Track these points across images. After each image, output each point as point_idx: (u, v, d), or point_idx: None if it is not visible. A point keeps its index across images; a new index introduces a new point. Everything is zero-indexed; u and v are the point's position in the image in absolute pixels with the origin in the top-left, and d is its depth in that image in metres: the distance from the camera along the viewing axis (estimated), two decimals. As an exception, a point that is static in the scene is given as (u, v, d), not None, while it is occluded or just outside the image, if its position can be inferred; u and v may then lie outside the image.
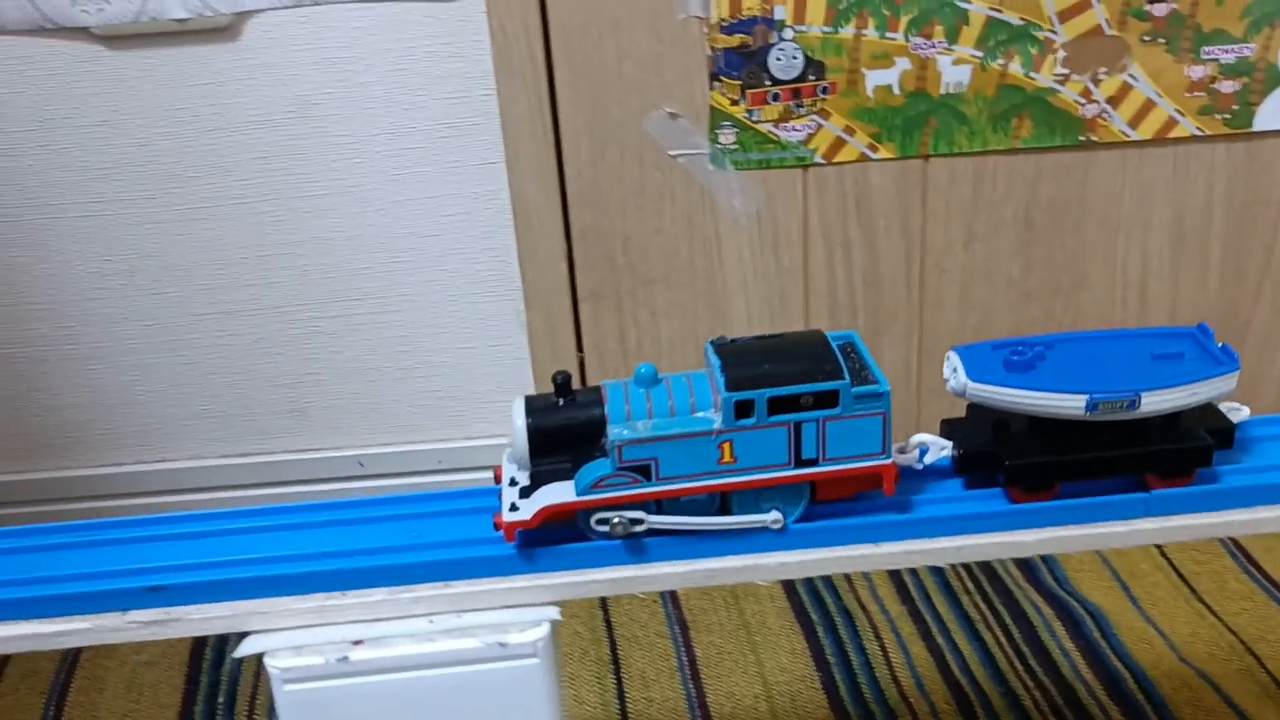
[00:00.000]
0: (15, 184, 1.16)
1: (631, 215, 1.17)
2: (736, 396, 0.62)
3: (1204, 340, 0.69)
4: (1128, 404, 0.64)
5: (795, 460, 0.64)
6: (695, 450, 0.63)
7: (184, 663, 1.08)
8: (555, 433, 0.65)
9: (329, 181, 1.17)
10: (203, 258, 1.20)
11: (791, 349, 0.64)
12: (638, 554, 0.66)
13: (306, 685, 0.65)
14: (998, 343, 0.69)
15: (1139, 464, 0.67)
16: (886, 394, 0.62)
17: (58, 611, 0.66)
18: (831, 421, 0.62)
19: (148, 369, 1.25)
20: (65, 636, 0.66)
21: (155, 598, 0.66)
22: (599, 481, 0.64)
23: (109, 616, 0.66)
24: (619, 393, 0.65)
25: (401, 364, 1.26)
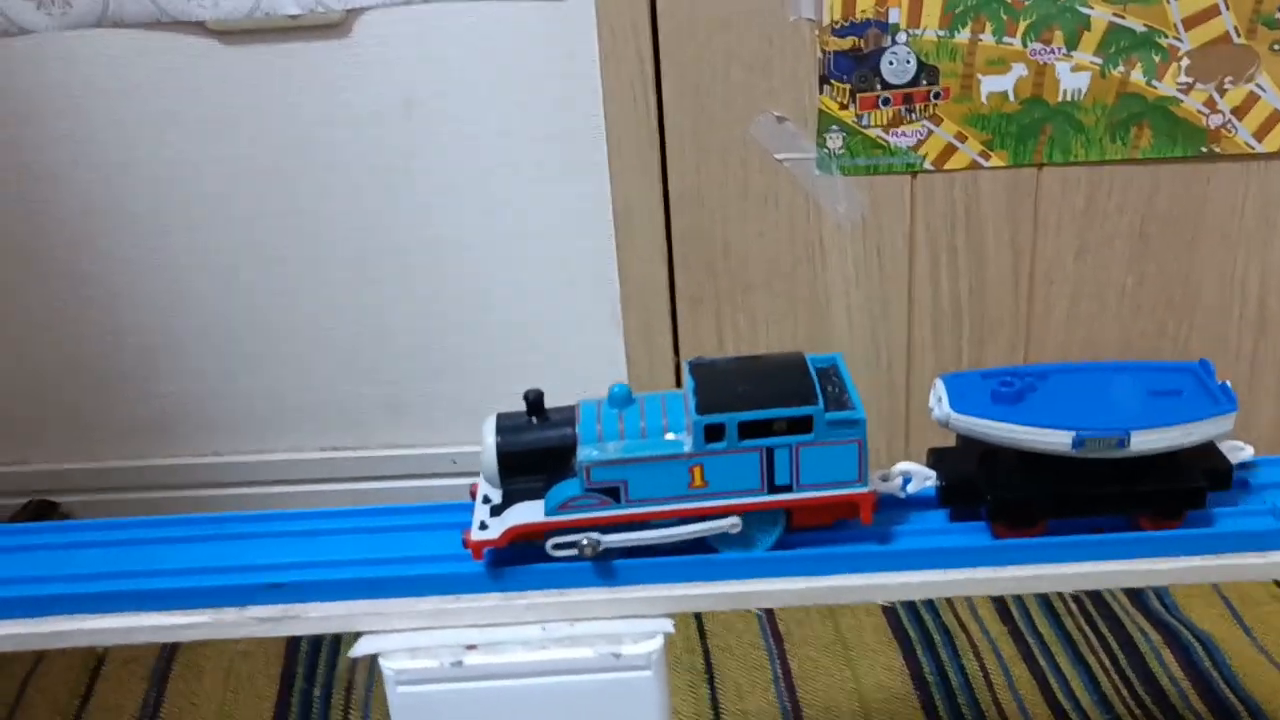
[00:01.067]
0: (128, 175, 1.18)
1: (733, 219, 1.16)
2: (706, 420, 0.60)
3: (1205, 377, 0.67)
4: (1116, 442, 0.62)
5: (768, 486, 0.62)
6: (665, 473, 0.62)
7: (280, 655, 1.09)
8: (525, 452, 0.64)
9: (432, 180, 1.17)
10: (306, 253, 1.21)
11: (768, 372, 0.63)
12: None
13: (420, 688, 0.65)
14: (988, 372, 0.67)
15: (1128, 503, 0.65)
16: (862, 421, 0.61)
17: (179, 604, 0.66)
18: (805, 447, 0.61)
19: (249, 361, 1.26)
20: (187, 630, 0.66)
21: (274, 594, 0.66)
22: (567, 502, 0.63)
23: (228, 611, 0.66)
24: (591, 412, 0.64)
25: (496, 363, 1.26)
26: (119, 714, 1.04)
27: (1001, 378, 0.66)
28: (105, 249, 1.21)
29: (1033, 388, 0.66)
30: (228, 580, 0.67)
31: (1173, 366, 0.68)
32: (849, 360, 1.23)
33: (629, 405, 0.64)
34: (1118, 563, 0.65)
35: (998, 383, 0.66)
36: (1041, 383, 0.67)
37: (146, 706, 1.04)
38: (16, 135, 1.16)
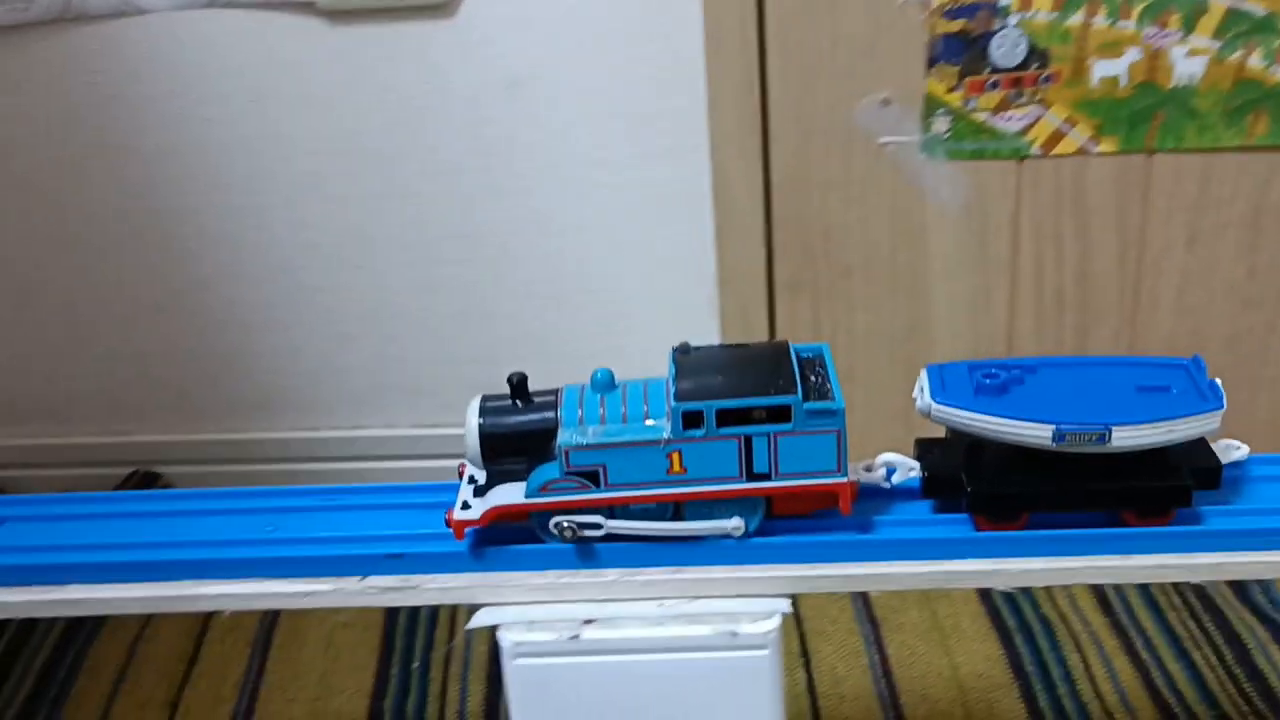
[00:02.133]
0: (233, 154, 1.20)
1: (834, 204, 1.15)
2: (684, 407, 0.61)
3: (1195, 374, 0.66)
4: (1097, 437, 0.62)
5: (747, 474, 0.62)
6: (643, 459, 0.63)
7: (379, 625, 1.11)
8: (507, 434, 0.65)
9: (532, 161, 1.18)
10: (406, 234, 1.22)
11: (749, 361, 0.63)
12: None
13: (537, 660, 0.66)
14: (975, 363, 0.67)
15: (1111, 500, 0.65)
16: (840, 411, 0.61)
17: (301, 572, 0.68)
18: (783, 437, 0.61)
19: (347, 340, 1.28)
20: (308, 597, 0.67)
21: (394, 565, 0.67)
22: (547, 484, 0.64)
23: (349, 580, 0.67)
24: (574, 396, 0.65)
25: (591, 347, 1.26)
26: (223, 680, 1.06)
27: (986, 369, 0.66)
28: (208, 228, 1.24)
29: (1019, 380, 0.66)
30: (349, 550, 0.68)
31: (1166, 362, 0.68)
32: (949, 347, 1.22)
33: (611, 390, 0.65)
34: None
35: (982, 375, 0.66)
36: (1030, 376, 0.66)
37: (250, 673, 1.07)
38: (126, 115, 1.18)
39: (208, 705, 1.03)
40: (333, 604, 0.68)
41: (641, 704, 0.66)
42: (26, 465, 1.36)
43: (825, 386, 0.63)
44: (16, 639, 1.12)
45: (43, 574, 0.69)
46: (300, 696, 1.03)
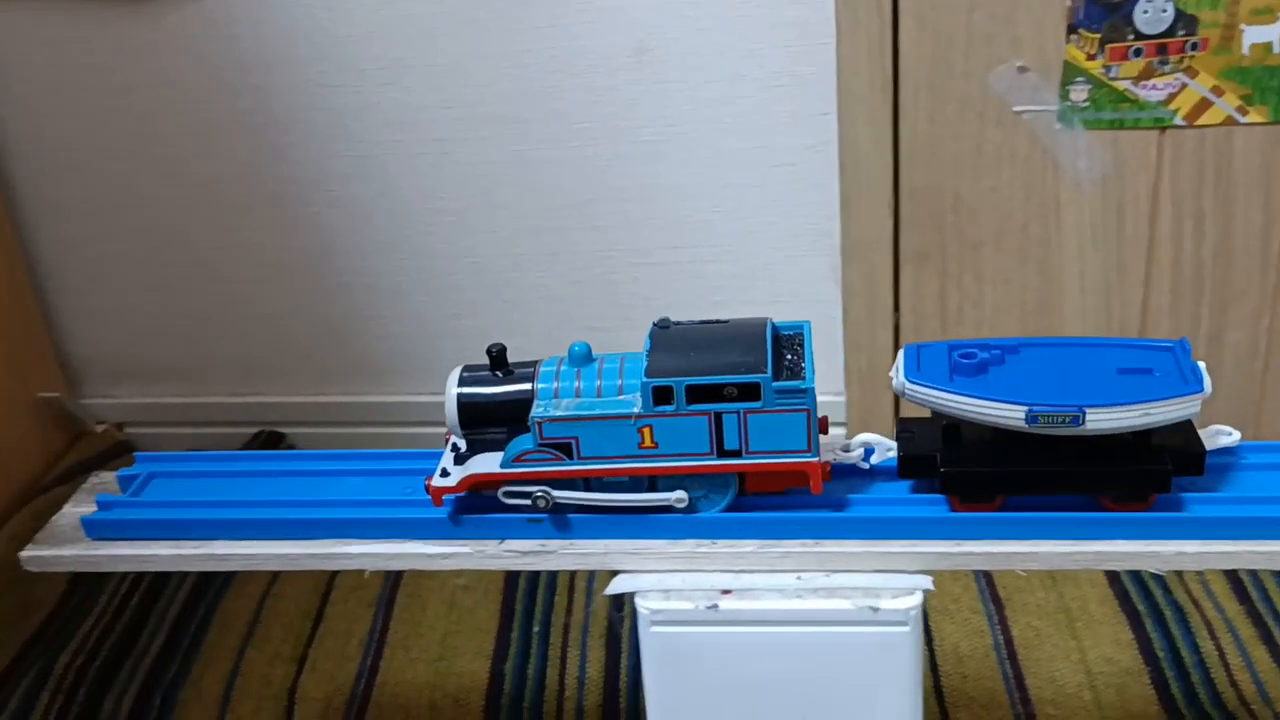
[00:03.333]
0: (363, 120, 1.21)
1: (966, 174, 1.12)
2: (654, 382, 0.62)
3: (1180, 357, 0.64)
4: (1070, 419, 0.61)
5: (718, 450, 0.63)
6: (615, 433, 0.63)
7: (499, 589, 1.12)
8: (484, 404, 0.66)
9: (659, 128, 1.17)
10: (531, 200, 1.23)
11: (725, 337, 0.64)
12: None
13: (674, 629, 0.65)
14: (956, 343, 0.66)
15: (1087, 483, 0.63)
16: (810, 391, 0.61)
17: (441, 535, 0.68)
18: (753, 415, 0.62)
19: (470, 305, 1.29)
20: (447, 559, 0.68)
21: (533, 529, 0.68)
22: (522, 455, 0.64)
23: (488, 544, 0.68)
24: (551, 369, 0.66)
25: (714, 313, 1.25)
26: (348, 637, 1.08)
27: (965, 349, 0.65)
28: (338, 193, 1.26)
29: (999, 360, 0.65)
30: (488, 513, 0.69)
31: (1153, 344, 0.66)
32: (1079, 324, 1.19)
33: (588, 364, 0.66)
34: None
35: (959, 354, 0.65)
36: (1011, 356, 0.66)
37: (374, 632, 1.09)
38: (259, 82, 1.20)
39: (334, 661, 1.06)
40: (472, 566, 0.68)
41: (777, 676, 0.66)
42: (158, 423, 1.40)
43: (798, 366, 0.63)
44: (150, 591, 1.15)
45: (189, 529, 0.71)
46: (423, 656, 1.05)
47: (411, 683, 1.02)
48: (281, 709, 1.01)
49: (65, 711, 1.02)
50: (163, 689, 1.04)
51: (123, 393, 1.41)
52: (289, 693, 1.03)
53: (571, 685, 1.01)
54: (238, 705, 1.02)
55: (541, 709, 0.99)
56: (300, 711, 1.01)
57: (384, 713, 1.00)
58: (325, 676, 1.04)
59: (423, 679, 1.03)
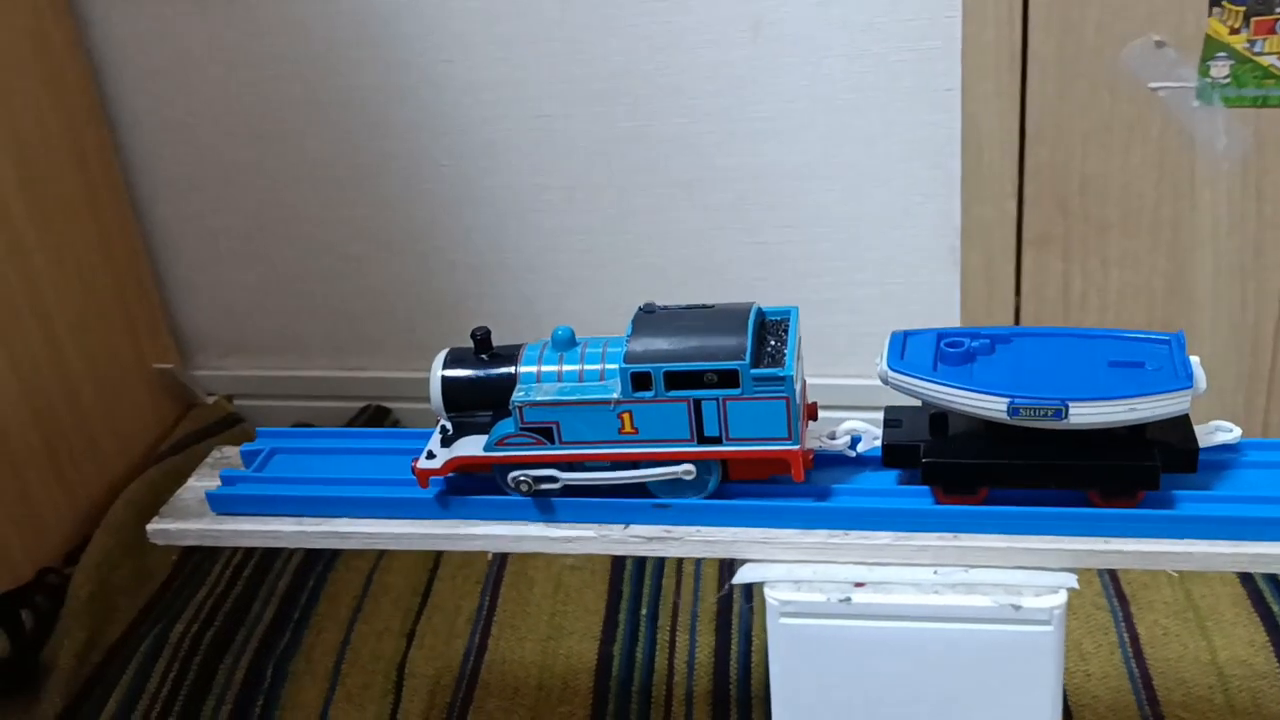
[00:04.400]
0: (472, 96, 1.20)
1: (1094, 153, 1.08)
2: (632, 368, 0.62)
3: (1175, 351, 0.63)
4: (1053, 413, 0.59)
5: (698, 437, 0.63)
6: (595, 418, 0.63)
7: (606, 570, 1.11)
8: (467, 387, 0.67)
9: (774, 105, 1.14)
10: (639, 178, 1.21)
11: (707, 323, 0.63)
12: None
13: (804, 621, 0.64)
14: (945, 331, 0.65)
15: (1072, 479, 0.62)
16: (789, 378, 0.60)
17: (567, 517, 0.67)
18: (732, 402, 0.61)
19: (575, 284, 1.28)
20: (572, 543, 0.67)
21: (660, 514, 0.66)
22: (504, 439, 0.65)
23: (613, 528, 0.67)
24: (534, 353, 0.66)
25: (822, 296, 1.23)
26: (456, 614, 1.08)
27: (952, 337, 0.64)
28: (445, 170, 1.25)
29: (988, 350, 0.64)
30: (615, 497, 0.67)
31: (1150, 337, 0.64)
32: (1209, 310, 1.14)
33: (571, 348, 0.66)
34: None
35: (946, 343, 0.64)
36: (1002, 346, 0.65)
37: (481, 610, 1.09)
38: (370, 57, 1.20)
39: (442, 638, 1.06)
40: (596, 551, 0.67)
41: (912, 673, 0.64)
42: (266, 395, 1.42)
43: (781, 352, 0.62)
44: (262, 562, 1.17)
45: (313, 505, 0.71)
46: (530, 636, 1.05)
47: (519, 662, 1.02)
48: (391, 684, 1.02)
49: (181, 679, 1.03)
50: (274, 659, 1.05)
51: (232, 365, 1.42)
52: (398, 668, 1.03)
53: (681, 670, 0.99)
54: (348, 678, 1.03)
55: (650, 693, 0.98)
56: (409, 687, 1.01)
57: (492, 691, 1.00)
58: (434, 653, 1.04)
59: (530, 658, 1.02)
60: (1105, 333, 0.66)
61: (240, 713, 1.00)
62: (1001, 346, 0.65)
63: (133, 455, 1.31)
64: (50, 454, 1.18)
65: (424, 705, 0.99)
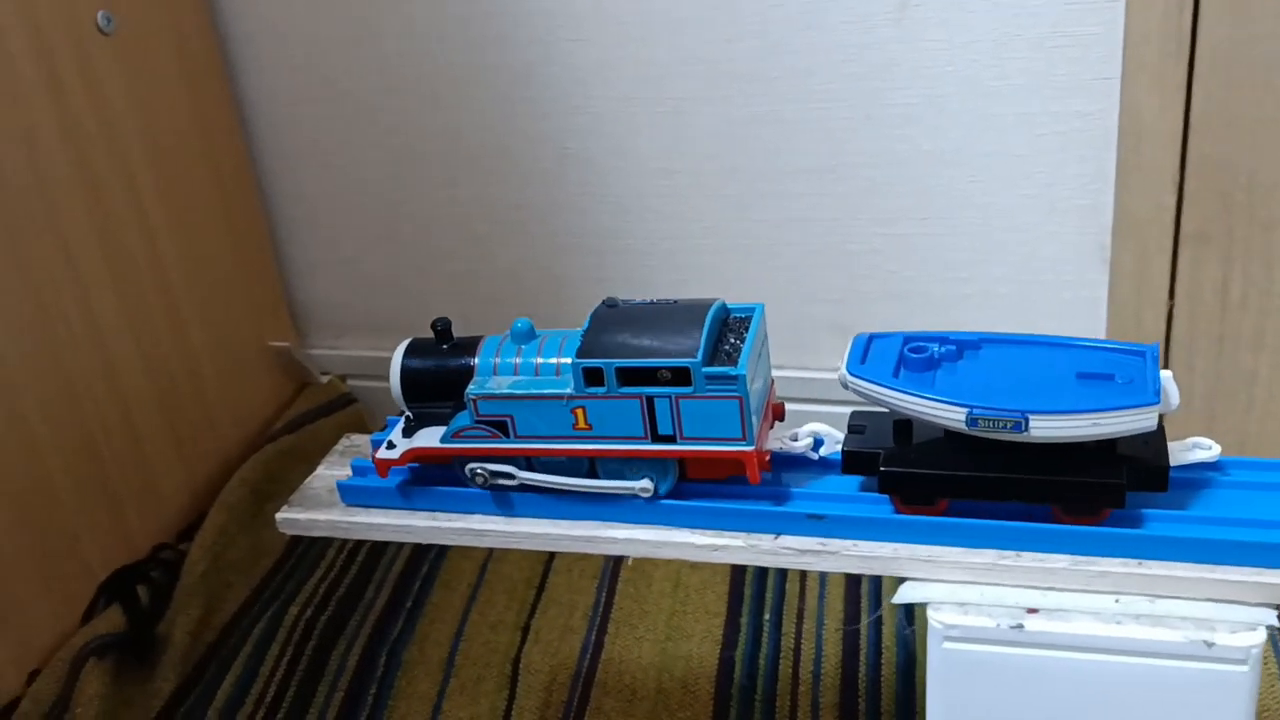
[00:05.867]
0: (603, 76, 1.17)
1: (1264, 147, 1.01)
2: (584, 364, 0.61)
3: (1148, 365, 0.60)
4: (1013, 425, 0.57)
5: (652, 435, 0.61)
6: (549, 413, 0.63)
7: (726, 569, 1.07)
8: (425, 377, 0.67)
9: (916, 90, 1.09)
10: (768, 163, 1.16)
11: (664, 319, 0.62)
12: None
13: (970, 646, 0.59)
14: (912, 335, 0.63)
15: (1033, 493, 0.59)
16: (742, 378, 0.59)
17: (713, 524, 0.64)
18: (685, 400, 0.60)
19: (698, 270, 1.24)
20: (717, 551, 0.64)
21: (814, 526, 0.62)
22: (460, 431, 0.65)
23: (763, 538, 0.63)
24: (493, 345, 0.66)
25: (958, 291, 1.18)
26: (571, 609, 1.06)
27: (918, 342, 0.62)
28: (571, 150, 1.22)
29: (953, 357, 0.62)
30: (766, 505, 0.64)
31: (1124, 348, 0.62)
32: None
33: (530, 341, 0.65)
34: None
35: (911, 347, 0.62)
36: (970, 352, 0.63)
37: (597, 606, 1.06)
38: (504, 33, 1.17)
39: (557, 633, 1.03)
40: (742, 561, 0.64)
41: (1086, 707, 0.59)
42: (380, 376, 1.40)
43: (738, 350, 0.61)
44: (375, 547, 1.15)
45: (446, 500, 0.69)
46: (649, 636, 1.02)
47: (637, 663, 0.99)
48: (505, 678, 0.99)
49: (295, 663, 1.02)
50: (388, 646, 1.03)
51: (347, 345, 1.41)
52: (513, 662, 1.01)
53: (806, 679, 0.96)
54: (462, 670, 1.01)
55: (774, 702, 0.94)
56: (524, 682, 0.99)
57: (609, 692, 0.97)
58: (549, 649, 1.02)
59: (648, 660, 0.99)
60: (1079, 342, 0.63)
61: (353, 700, 0.99)
62: (970, 353, 0.63)
63: (248, 433, 1.31)
64: (170, 430, 1.18)
65: (539, 702, 0.97)
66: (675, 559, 0.65)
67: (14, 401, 0.99)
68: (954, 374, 0.62)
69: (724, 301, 0.64)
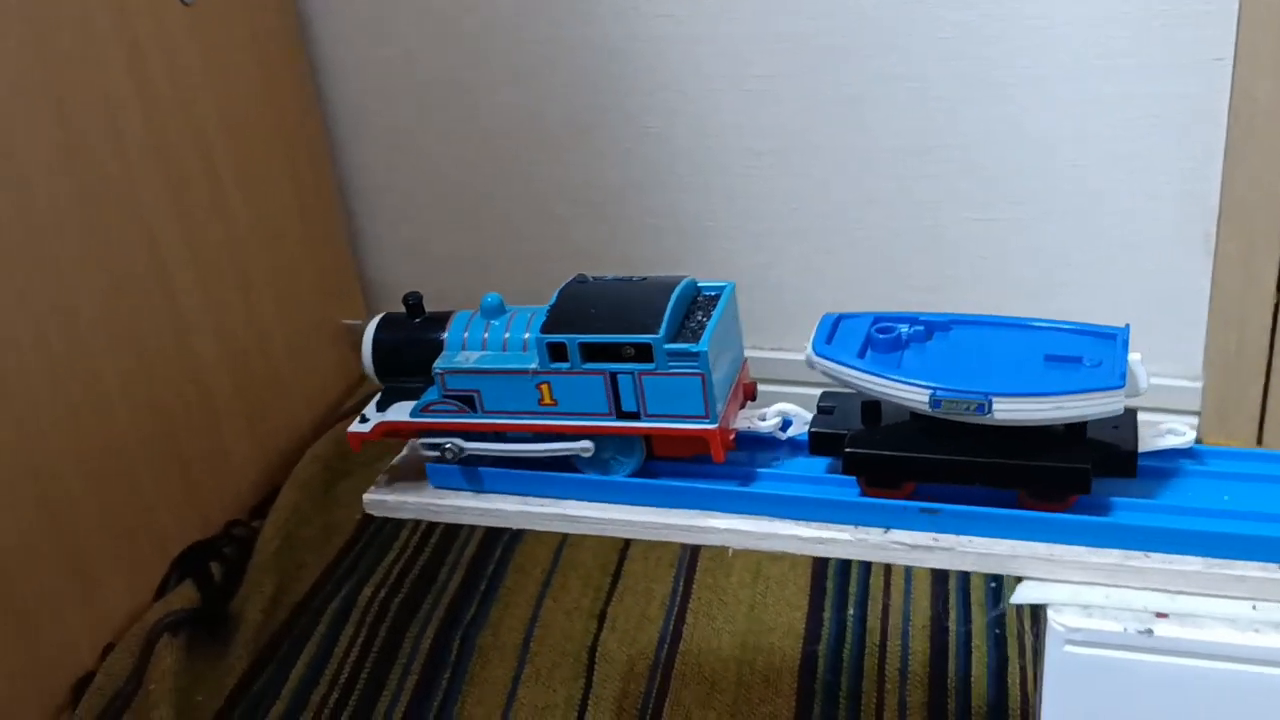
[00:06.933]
0: (689, 52, 1.14)
1: (1386, 132, 0.96)
2: (547, 339, 0.61)
3: (1117, 348, 0.58)
4: (976, 407, 0.56)
5: (616, 411, 0.61)
6: (515, 388, 0.62)
7: (808, 561, 1.05)
8: (395, 352, 0.67)
9: (1013, 69, 1.05)
10: (856, 142, 1.13)
11: (631, 296, 0.62)
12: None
13: (1094, 651, 0.56)
14: (882, 315, 0.62)
15: (996, 477, 0.58)
16: (703, 354, 0.59)
17: (820, 516, 0.61)
18: (647, 376, 0.60)
19: (780, 252, 1.21)
20: (823, 545, 0.61)
21: (927, 520, 0.59)
22: (429, 405, 0.65)
23: (873, 531, 0.60)
24: (463, 320, 0.66)
25: (1052, 278, 1.14)
26: (648, 598, 1.04)
27: (885, 323, 0.62)
28: (653, 129, 1.19)
29: (922, 338, 0.61)
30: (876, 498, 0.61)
31: (1097, 331, 0.60)
32: None
33: (499, 316, 0.65)
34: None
35: (878, 328, 0.61)
36: (940, 333, 0.62)
37: (675, 595, 1.03)
38: (588, 9, 1.15)
39: (634, 622, 1.01)
40: (850, 556, 0.61)
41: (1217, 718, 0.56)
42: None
43: (703, 328, 0.60)
44: (449, 529, 1.14)
45: (539, 485, 0.66)
46: (728, 628, 0.99)
47: (717, 654, 0.97)
48: (582, 666, 0.97)
49: (369, 645, 1.01)
50: (461, 630, 1.02)
51: (418, 324, 1.40)
52: (589, 650, 0.98)
53: (893, 678, 0.93)
54: (537, 656, 0.99)
55: (859, 699, 0.91)
56: (601, 671, 0.97)
57: (688, 683, 0.94)
58: (626, 637, 0.99)
59: (728, 652, 0.97)
60: (1050, 324, 0.62)
61: (427, 684, 0.97)
62: (940, 334, 0.62)
63: (319, 410, 1.30)
64: (244, 406, 1.17)
65: (617, 691, 0.94)
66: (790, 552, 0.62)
67: (93, 371, 0.99)
68: (921, 355, 0.61)
69: (694, 279, 0.64)
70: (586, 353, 0.60)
